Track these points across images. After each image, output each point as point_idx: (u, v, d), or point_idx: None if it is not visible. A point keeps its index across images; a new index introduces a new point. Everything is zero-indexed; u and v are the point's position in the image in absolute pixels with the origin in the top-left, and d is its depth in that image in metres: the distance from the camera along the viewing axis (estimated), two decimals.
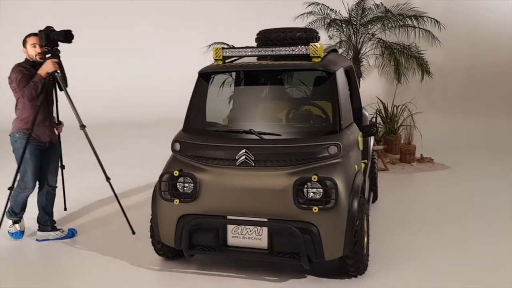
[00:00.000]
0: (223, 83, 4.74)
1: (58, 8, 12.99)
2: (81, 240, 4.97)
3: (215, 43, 8.41)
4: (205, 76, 4.45)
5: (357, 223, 3.87)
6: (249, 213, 3.92)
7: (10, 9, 13.06)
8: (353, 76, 5.46)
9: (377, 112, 8.75)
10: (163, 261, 4.39)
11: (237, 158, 3.94)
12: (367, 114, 5.53)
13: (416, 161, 8.07)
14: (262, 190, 3.88)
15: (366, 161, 5.42)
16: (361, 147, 4.47)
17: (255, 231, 3.95)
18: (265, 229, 3.91)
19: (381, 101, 8.79)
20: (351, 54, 8.76)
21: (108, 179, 4.95)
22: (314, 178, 3.74)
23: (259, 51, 4.40)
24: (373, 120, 8.75)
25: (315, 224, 3.79)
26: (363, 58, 8.87)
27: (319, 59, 4.29)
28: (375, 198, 5.95)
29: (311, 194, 3.80)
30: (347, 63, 5.13)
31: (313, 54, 4.25)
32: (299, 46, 4.29)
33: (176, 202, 3.98)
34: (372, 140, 5.75)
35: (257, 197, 3.89)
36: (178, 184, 4.02)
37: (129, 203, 6.12)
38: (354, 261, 3.94)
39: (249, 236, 3.97)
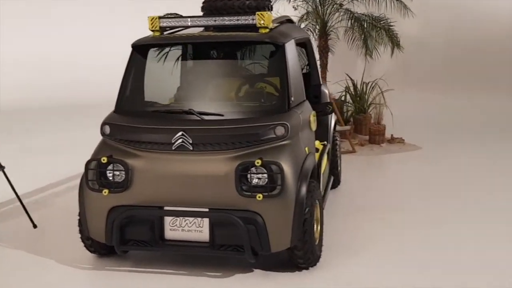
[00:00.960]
0: (164, 57, 4.33)
1: None
2: (3, 235, 4.54)
3: (168, 15, 7.93)
4: (139, 50, 4.06)
5: (306, 211, 3.58)
6: (188, 203, 3.60)
7: None
8: (311, 50, 5.13)
9: (346, 90, 8.45)
10: (95, 259, 4.01)
11: (173, 141, 3.60)
12: (326, 91, 5.21)
13: (386, 142, 7.80)
14: (201, 177, 3.56)
15: (325, 142, 5.13)
16: (313, 127, 4.14)
17: (195, 222, 3.64)
18: (206, 220, 3.60)
19: (350, 77, 8.49)
20: (318, 27, 8.41)
21: (1, 168, 4.58)
22: (258, 163, 3.43)
23: (200, 21, 4.03)
24: (342, 98, 8.46)
25: (260, 213, 3.50)
26: (331, 31, 8.51)
27: (267, 29, 3.95)
28: (337, 183, 5.66)
29: (255, 180, 3.49)
30: (302, 35, 4.78)
31: (260, 24, 3.90)
32: (245, 16, 3.95)
33: (105, 192, 3.62)
34: (333, 119, 5.45)
35: (197, 185, 3.56)
36: (107, 172, 3.66)
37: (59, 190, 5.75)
38: (304, 252, 3.66)
39: (188, 229, 3.65)
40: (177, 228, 3.66)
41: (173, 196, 3.61)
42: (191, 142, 3.57)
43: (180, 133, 3.58)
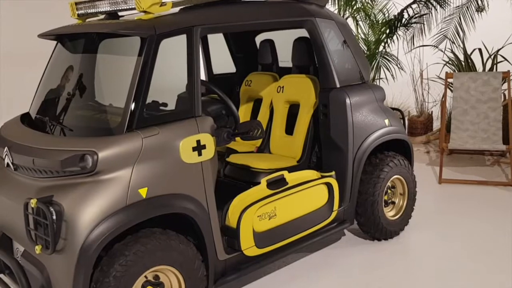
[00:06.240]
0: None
1: None
2: None
3: None
4: (60, 40, 3.54)
5: (103, 280, 2.62)
6: (18, 237, 3.08)
7: None
8: (319, 39, 3.63)
9: None
10: None
11: (4, 157, 3.12)
12: (347, 100, 3.63)
13: None
14: (13, 206, 2.98)
15: (332, 173, 3.65)
16: (189, 159, 2.90)
17: None
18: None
19: None
20: None
21: None
22: (33, 203, 2.65)
23: (104, 6, 3.28)
24: None
25: (46, 266, 2.74)
26: None
27: (150, 15, 2.99)
28: (381, 234, 3.97)
29: (35, 225, 2.73)
30: (284, 18, 3.49)
31: (139, 8, 2.97)
32: None
33: None
34: (370, 138, 3.77)
35: (14, 216, 3.00)
36: None
37: None
38: None
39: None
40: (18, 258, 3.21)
41: (10, 225, 3.13)
42: (12, 161, 3.02)
43: (6, 149, 3.07)
